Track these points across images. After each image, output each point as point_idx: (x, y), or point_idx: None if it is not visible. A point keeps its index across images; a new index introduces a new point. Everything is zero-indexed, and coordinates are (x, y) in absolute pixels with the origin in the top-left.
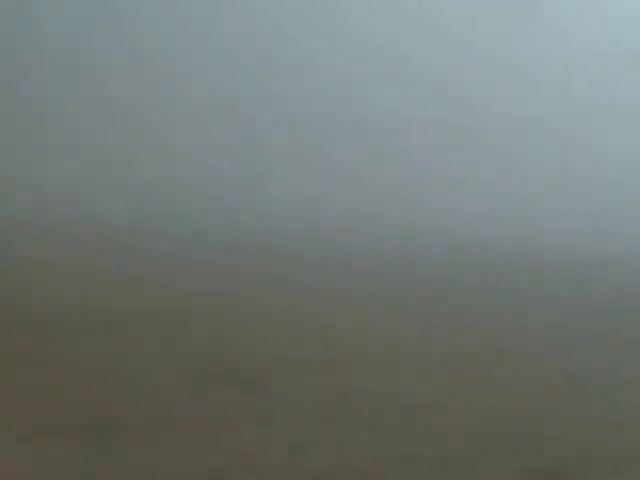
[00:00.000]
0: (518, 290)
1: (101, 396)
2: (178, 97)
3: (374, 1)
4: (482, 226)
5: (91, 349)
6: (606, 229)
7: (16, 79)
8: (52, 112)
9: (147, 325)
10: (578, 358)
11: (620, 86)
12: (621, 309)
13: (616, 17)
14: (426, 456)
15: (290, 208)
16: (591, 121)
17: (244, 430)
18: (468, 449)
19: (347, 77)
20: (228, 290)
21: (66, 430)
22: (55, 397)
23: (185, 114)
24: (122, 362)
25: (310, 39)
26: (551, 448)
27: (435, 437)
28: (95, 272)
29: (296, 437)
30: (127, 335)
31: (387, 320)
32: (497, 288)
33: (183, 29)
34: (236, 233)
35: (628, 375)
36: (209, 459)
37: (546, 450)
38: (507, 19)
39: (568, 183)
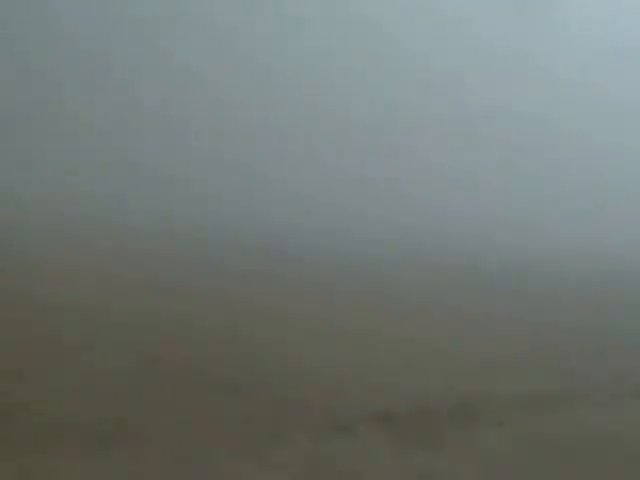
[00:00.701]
0: (518, 290)
1: None
2: (178, 97)
3: (376, 3)
4: (482, 226)
5: None
6: (606, 230)
7: (16, 79)
8: (52, 112)
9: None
10: (576, 359)
11: (633, 84)
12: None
13: (629, 12)
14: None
15: (290, 208)
16: (604, 120)
17: None
18: None
19: (348, 78)
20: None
21: None
22: None
23: (184, 115)
24: None
25: (312, 41)
26: None
27: None
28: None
29: None
30: None
31: (387, 319)
32: (497, 288)
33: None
34: (236, 233)
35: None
36: None
37: None
38: (513, 18)
39: (569, 184)
